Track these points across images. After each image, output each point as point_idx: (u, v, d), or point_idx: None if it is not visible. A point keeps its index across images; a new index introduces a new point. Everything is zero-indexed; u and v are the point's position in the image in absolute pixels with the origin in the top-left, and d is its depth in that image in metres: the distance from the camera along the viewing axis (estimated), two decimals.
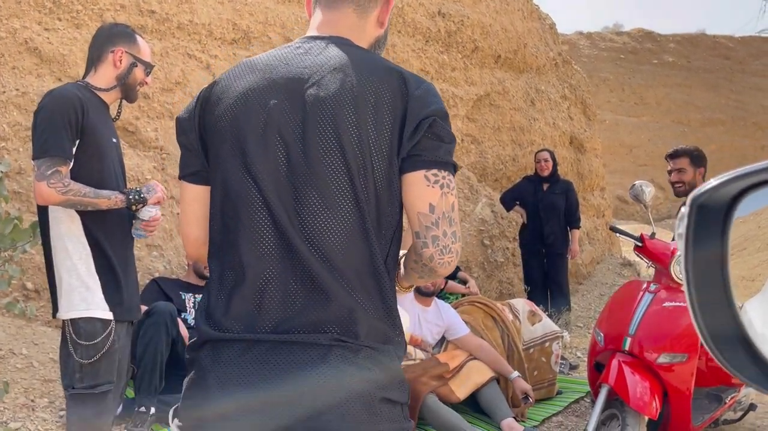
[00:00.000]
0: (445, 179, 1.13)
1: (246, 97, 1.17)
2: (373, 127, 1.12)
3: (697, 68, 22.01)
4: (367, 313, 1.12)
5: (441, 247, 1.13)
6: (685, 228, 0.46)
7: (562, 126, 7.87)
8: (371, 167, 1.12)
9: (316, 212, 1.12)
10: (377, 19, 1.29)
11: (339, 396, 1.08)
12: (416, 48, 6.06)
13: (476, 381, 3.61)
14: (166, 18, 4.46)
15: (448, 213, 1.13)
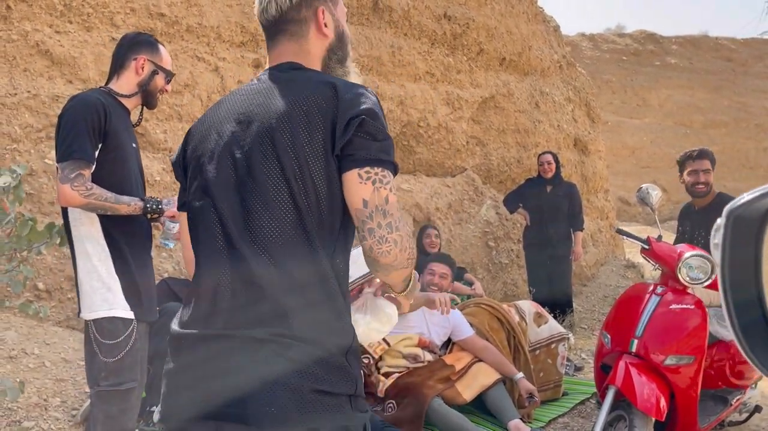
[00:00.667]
0: (378, 174, 1.21)
1: (208, 130, 1.34)
2: (306, 133, 1.23)
3: (700, 70, 22.02)
4: (304, 310, 1.20)
5: (377, 238, 1.19)
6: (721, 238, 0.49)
7: (567, 128, 7.90)
8: (308, 170, 1.22)
9: (260, 217, 1.24)
10: (317, 34, 1.39)
11: (267, 389, 1.16)
12: (422, 50, 6.09)
13: (483, 383, 3.63)
14: (175, 21, 4.49)
15: (381, 206, 1.20)
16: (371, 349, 3.59)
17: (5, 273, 2.56)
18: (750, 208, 0.49)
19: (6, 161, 3.69)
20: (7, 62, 3.89)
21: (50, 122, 3.94)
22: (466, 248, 6.23)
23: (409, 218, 5.67)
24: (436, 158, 6.33)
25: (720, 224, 0.50)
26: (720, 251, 0.50)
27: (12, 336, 3.42)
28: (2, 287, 3.43)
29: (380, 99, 5.67)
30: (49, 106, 3.95)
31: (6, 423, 2.91)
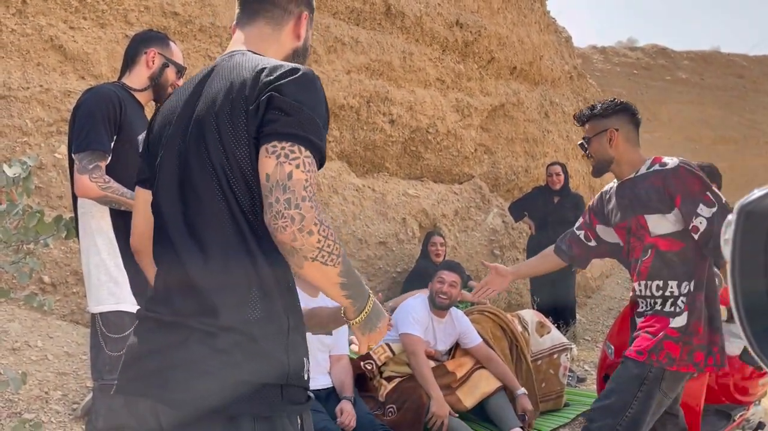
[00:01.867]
0: (284, 149, 1.17)
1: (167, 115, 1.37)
2: (230, 121, 1.23)
3: (711, 86, 21.97)
4: (236, 302, 1.22)
5: (274, 212, 1.15)
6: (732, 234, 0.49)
7: (575, 139, 7.89)
8: (234, 159, 1.22)
9: (194, 208, 1.26)
10: (292, 32, 1.43)
11: (190, 375, 1.20)
12: (433, 57, 6.10)
13: (484, 391, 3.62)
14: (188, 20, 4.52)
15: (282, 181, 1.15)
16: (375, 356, 3.59)
17: (11, 264, 2.57)
18: (762, 204, 0.49)
19: (17, 153, 3.72)
20: (20, 56, 3.92)
21: (61, 116, 3.96)
22: (471, 255, 6.22)
23: (415, 224, 5.67)
24: (443, 164, 6.33)
25: (731, 220, 0.50)
26: (731, 247, 0.50)
27: (16, 327, 3.44)
28: (8, 279, 3.45)
29: (390, 104, 5.70)
30: (61, 101, 3.98)
31: (6, 415, 2.91)
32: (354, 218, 5.22)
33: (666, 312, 2.33)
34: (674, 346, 2.30)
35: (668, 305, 2.34)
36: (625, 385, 2.33)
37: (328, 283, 1.23)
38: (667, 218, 2.34)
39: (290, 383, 1.25)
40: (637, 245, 2.43)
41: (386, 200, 5.54)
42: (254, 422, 1.21)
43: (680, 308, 2.34)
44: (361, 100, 5.49)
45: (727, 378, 3.31)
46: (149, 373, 1.25)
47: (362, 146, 5.65)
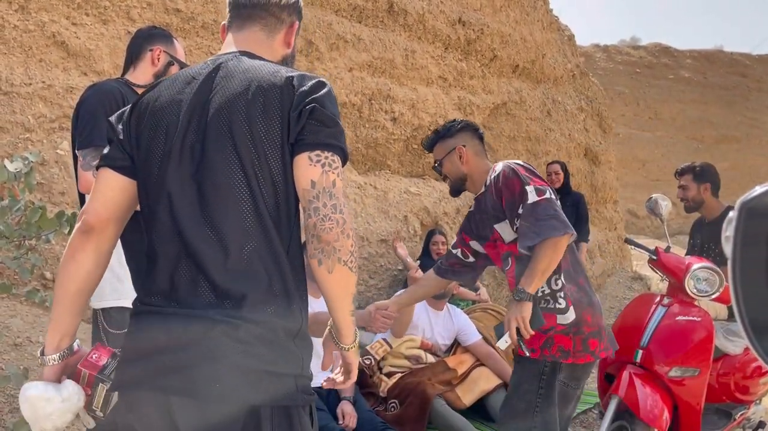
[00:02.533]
0: (327, 158, 1.27)
1: (162, 109, 1.35)
2: (264, 123, 1.27)
3: (713, 85, 21.93)
4: (256, 296, 1.25)
5: (321, 216, 1.23)
6: (733, 231, 0.49)
7: (578, 138, 7.88)
8: (265, 159, 1.27)
9: (215, 204, 1.28)
10: (283, 40, 1.48)
11: (214, 366, 1.22)
12: (435, 55, 6.10)
13: (483, 388, 3.63)
14: (191, 17, 4.52)
15: (328, 188, 1.24)
16: (373, 350, 3.60)
17: (13, 260, 2.58)
18: (763, 201, 0.49)
19: (19, 150, 3.72)
20: (23, 52, 3.93)
21: (63, 113, 3.96)
22: None
23: (417, 222, 5.67)
24: None
25: (732, 217, 0.50)
26: (731, 245, 0.50)
27: (18, 323, 3.44)
28: (10, 275, 3.46)
29: (392, 102, 5.69)
30: (63, 98, 3.98)
31: (8, 410, 2.92)
32: (356, 215, 5.22)
33: (550, 309, 2.29)
34: (565, 339, 2.28)
35: (551, 303, 2.30)
36: (526, 385, 2.31)
37: (346, 291, 1.29)
38: (507, 224, 2.33)
39: (303, 374, 1.30)
40: (498, 256, 2.44)
41: (388, 198, 5.54)
42: (273, 411, 1.24)
43: (563, 304, 2.29)
44: (363, 98, 5.49)
45: (727, 377, 3.31)
46: (167, 368, 1.24)
47: (364, 143, 5.65)
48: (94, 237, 1.36)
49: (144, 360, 1.27)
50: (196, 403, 1.22)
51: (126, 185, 1.37)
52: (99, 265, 1.38)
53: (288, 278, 1.29)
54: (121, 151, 1.38)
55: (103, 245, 1.37)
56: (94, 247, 1.36)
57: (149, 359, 1.26)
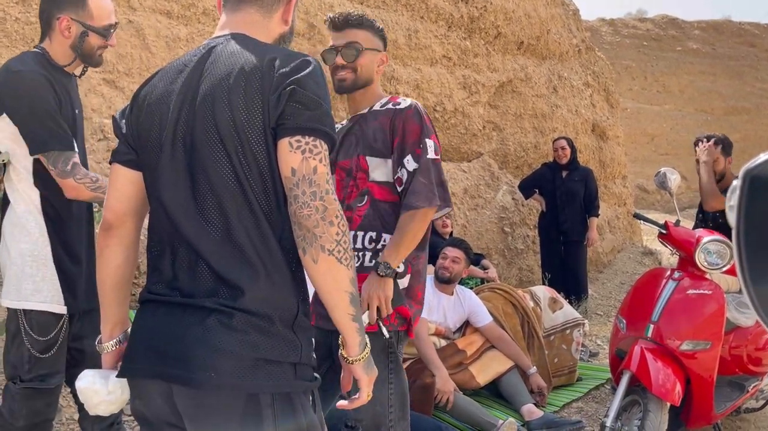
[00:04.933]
0: (308, 144, 1.24)
1: (157, 101, 1.36)
2: (245, 108, 1.26)
3: (722, 56, 21.63)
4: (251, 283, 1.26)
5: (300, 203, 1.22)
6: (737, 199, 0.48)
7: (585, 113, 7.81)
8: (248, 145, 1.26)
9: (206, 194, 1.28)
10: (281, 18, 1.45)
11: (210, 355, 1.23)
12: (439, 34, 6.04)
13: (497, 370, 3.64)
14: (191, 3, 4.50)
15: (308, 176, 1.22)
16: None
17: None
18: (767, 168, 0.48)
19: None
20: (25, 45, 3.92)
21: None
22: (481, 233, 6.21)
23: None
24: (452, 142, 6.29)
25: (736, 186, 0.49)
26: (736, 213, 0.49)
27: None
28: None
29: (396, 83, 5.65)
30: None
31: None
32: None
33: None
34: (404, 307, 2.05)
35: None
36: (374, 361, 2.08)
37: (337, 286, 1.24)
38: (387, 164, 2.10)
39: (302, 361, 1.30)
40: (346, 186, 2.14)
41: None
42: (273, 398, 1.25)
43: (402, 268, 2.06)
44: None
45: (740, 349, 3.31)
46: (164, 355, 1.27)
47: None
48: (115, 232, 1.40)
49: (147, 348, 1.31)
50: (194, 391, 1.24)
51: (136, 178, 1.39)
52: (127, 257, 1.42)
53: (281, 265, 1.28)
54: (126, 145, 1.40)
55: (126, 238, 1.41)
56: (117, 241, 1.40)
57: (151, 347, 1.30)
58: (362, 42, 2.14)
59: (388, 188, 2.11)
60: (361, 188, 2.12)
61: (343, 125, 2.24)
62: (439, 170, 2.08)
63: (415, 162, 2.05)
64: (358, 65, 2.13)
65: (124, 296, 1.45)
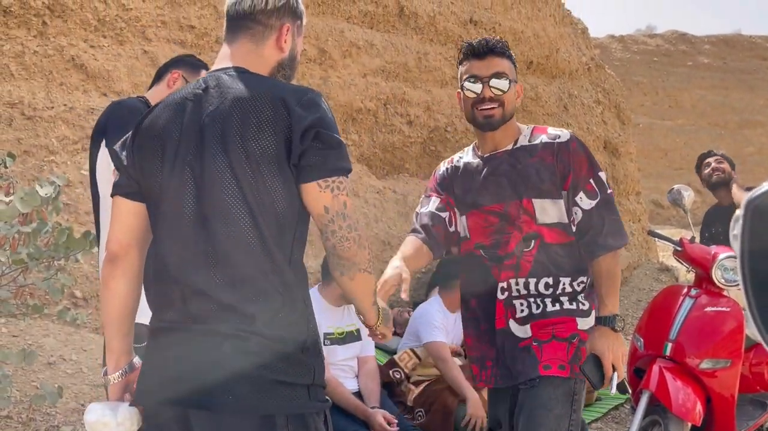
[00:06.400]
0: (335, 182, 1.32)
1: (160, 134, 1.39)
2: (256, 141, 1.30)
3: (734, 69, 21.55)
4: (264, 310, 1.30)
5: (339, 237, 1.31)
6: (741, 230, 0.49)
7: (596, 131, 7.81)
8: (261, 177, 1.30)
9: (217, 224, 1.31)
10: (275, 45, 1.46)
11: (227, 378, 1.27)
12: (448, 56, 6.09)
13: None
14: (204, 33, 4.59)
15: (341, 211, 1.32)
16: (402, 363, 3.60)
17: (44, 281, 2.64)
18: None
19: (44, 172, 3.80)
20: (44, 77, 4.02)
21: (86, 134, 4.04)
22: None
23: None
24: None
25: (739, 215, 0.50)
26: (740, 243, 0.50)
27: (51, 342, 3.51)
28: (41, 295, 3.53)
29: (407, 105, 5.70)
30: (85, 119, 4.06)
31: (45, 428, 2.98)
32: (376, 220, 5.24)
33: (569, 311, 1.93)
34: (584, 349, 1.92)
35: (571, 304, 1.94)
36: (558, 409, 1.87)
37: (368, 291, 1.40)
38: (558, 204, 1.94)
39: (315, 383, 1.34)
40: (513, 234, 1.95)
41: (408, 201, 5.55)
42: (288, 420, 1.29)
43: (586, 306, 1.96)
44: (378, 103, 5.51)
45: (761, 367, 3.26)
46: (181, 381, 1.29)
47: (381, 148, 5.67)
48: (120, 264, 1.43)
49: (161, 375, 1.34)
50: (212, 415, 1.27)
51: (138, 210, 1.43)
52: (132, 288, 1.45)
53: (291, 291, 1.34)
54: (127, 177, 1.44)
55: (129, 269, 1.44)
56: (121, 273, 1.43)
57: (166, 374, 1.33)
58: (507, 72, 1.96)
59: (560, 230, 1.94)
60: (526, 232, 1.94)
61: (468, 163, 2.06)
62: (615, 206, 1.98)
63: (590, 199, 1.90)
64: (506, 99, 1.93)
65: (128, 328, 1.47)
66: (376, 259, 4.98)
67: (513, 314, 1.97)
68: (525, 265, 1.94)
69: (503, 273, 1.97)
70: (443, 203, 2.10)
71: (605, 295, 1.91)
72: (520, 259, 1.94)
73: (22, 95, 3.92)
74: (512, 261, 1.94)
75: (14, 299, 2.81)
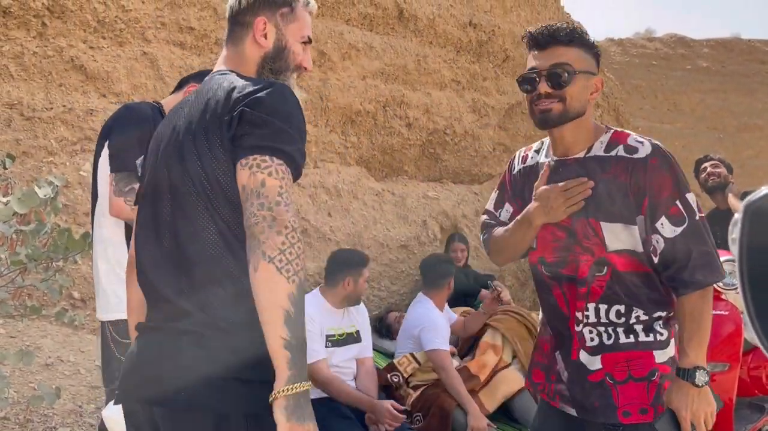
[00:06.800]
0: (255, 160, 1.24)
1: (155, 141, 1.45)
2: (205, 140, 1.29)
3: (732, 73, 21.59)
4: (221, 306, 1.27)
5: (248, 214, 1.23)
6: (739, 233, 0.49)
7: None
8: (213, 173, 1.28)
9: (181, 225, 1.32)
10: (252, 41, 1.46)
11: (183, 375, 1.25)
12: (447, 59, 6.10)
13: (505, 392, 3.59)
14: (204, 34, 4.59)
15: (256, 189, 1.23)
16: (401, 367, 3.60)
17: (42, 282, 2.64)
18: None
19: (43, 173, 3.80)
20: (43, 78, 4.01)
21: (85, 135, 4.04)
22: None
23: (436, 226, 5.66)
24: (462, 165, 6.32)
25: (738, 219, 0.50)
26: (738, 245, 0.50)
27: (48, 343, 3.51)
28: (39, 296, 3.53)
29: (406, 107, 5.70)
30: (84, 120, 4.06)
31: (42, 429, 2.98)
32: (374, 222, 5.24)
33: (647, 344, 1.70)
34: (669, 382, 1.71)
35: (647, 335, 1.70)
36: None
37: (272, 300, 1.16)
38: (631, 230, 1.68)
39: (269, 379, 1.25)
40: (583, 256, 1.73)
41: (406, 204, 5.55)
42: (246, 420, 1.26)
43: (665, 335, 1.72)
44: (378, 105, 5.51)
45: (759, 370, 3.26)
46: (147, 379, 1.31)
47: (380, 150, 5.67)
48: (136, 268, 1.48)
49: (132, 374, 1.36)
50: (171, 413, 1.27)
51: None
52: None
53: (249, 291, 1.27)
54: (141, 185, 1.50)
55: None
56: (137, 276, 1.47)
57: (135, 372, 1.35)
58: (573, 63, 1.68)
59: (633, 258, 1.68)
60: (597, 256, 1.70)
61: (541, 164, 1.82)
62: (708, 230, 1.65)
63: (675, 225, 1.61)
64: (568, 94, 1.68)
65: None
66: (375, 262, 4.98)
67: (583, 343, 1.76)
68: (596, 290, 1.72)
69: (572, 297, 1.76)
70: (516, 214, 1.89)
71: (688, 342, 1.63)
72: (591, 284, 1.72)
73: (21, 96, 3.92)
74: (584, 288, 1.72)
75: (12, 300, 2.81)
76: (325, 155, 5.25)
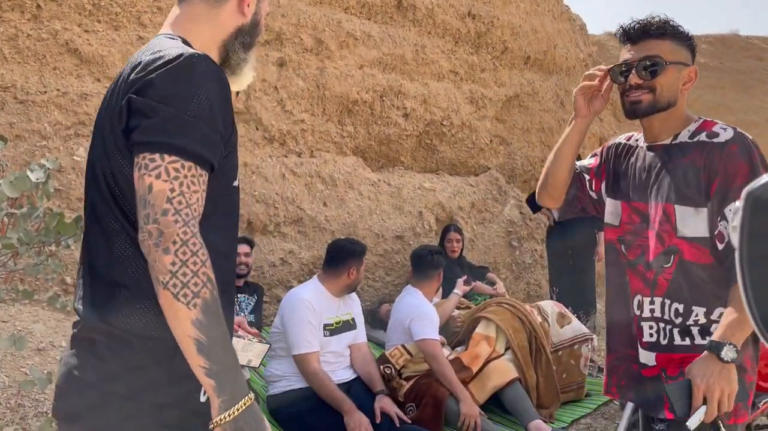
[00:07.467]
0: (144, 159, 1.06)
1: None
2: (110, 128, 1.14)
3: (730, 70, 21.61)
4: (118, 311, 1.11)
5: (139, 229, 1.06)
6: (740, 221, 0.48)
7: (592, 128, 7.82)
8: (118, 166, 1.12)
9: (92, 212, 1.20)
10: (237, 8, 1.26)
11: (68, 385, 1.15)
12: (446, 49, 6.08)
13: (495, 384, 3.60)
14: None
15: (143, 196, 1.05)
16: (393, 359, 3.60)
17: (34, 267, 2.62)
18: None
19: (36, 157, 3.77)
20: (37, 61, 3.98)
21: (79, 119, 4.01)
22: (489, 247, 6.20)
23: (432, 217, 5.66)
24: (459, 156, 6.31)
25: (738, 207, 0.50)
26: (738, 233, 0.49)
27: (40, 328, 3.50)
28: (31, 281, 3.51)
29: (403, 98, 5.69)
30: (78, 104, 4.03)
31: (33, 414, 2.97)
32: (370, 212, 5.23)
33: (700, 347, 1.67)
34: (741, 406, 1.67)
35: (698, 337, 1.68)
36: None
37: (180, 332, 1.03)
38: (702, 215, 1.64)
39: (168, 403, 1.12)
40: (653, 242, 1.71)
41: (402, 194, 5.54)
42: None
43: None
44: (375, 95, 5.49)
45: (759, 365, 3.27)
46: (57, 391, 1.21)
47: (377, 140, 5.66)
48: None
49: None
50: (62, 425, 1.17)
51: None
52: None
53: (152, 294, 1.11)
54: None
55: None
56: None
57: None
58: (664, 55, 1.71)
59: (702, 247, 1.64)
60: (667, 244, 1.68)
61: (639, 147, 1.84)
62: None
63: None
64: (658, 84, 1.70)
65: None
66: (370, 252, 4.98)
67: (641, 336, 1.74)
68: (662, 283, 1.69)
69: (637, 286, 1.75)
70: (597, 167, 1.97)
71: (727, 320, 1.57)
72: (658, 275, 1.69)
73: (15, 79, 3.88)
74: (650, 274, 1.71)
75: (4, 285, 2.79)
76: (321, 144, 5.24)
